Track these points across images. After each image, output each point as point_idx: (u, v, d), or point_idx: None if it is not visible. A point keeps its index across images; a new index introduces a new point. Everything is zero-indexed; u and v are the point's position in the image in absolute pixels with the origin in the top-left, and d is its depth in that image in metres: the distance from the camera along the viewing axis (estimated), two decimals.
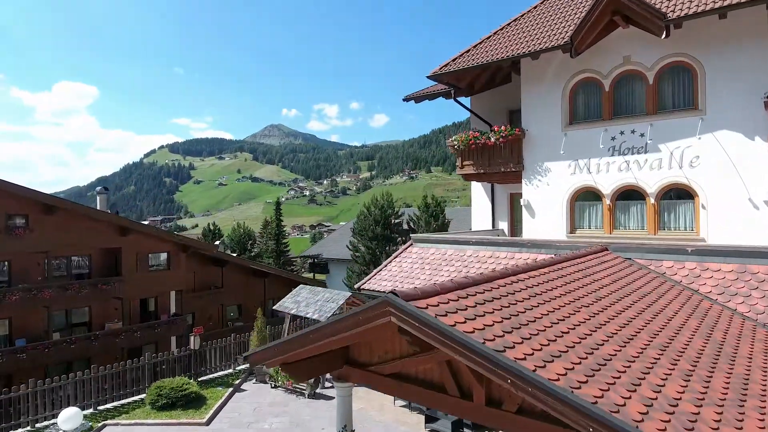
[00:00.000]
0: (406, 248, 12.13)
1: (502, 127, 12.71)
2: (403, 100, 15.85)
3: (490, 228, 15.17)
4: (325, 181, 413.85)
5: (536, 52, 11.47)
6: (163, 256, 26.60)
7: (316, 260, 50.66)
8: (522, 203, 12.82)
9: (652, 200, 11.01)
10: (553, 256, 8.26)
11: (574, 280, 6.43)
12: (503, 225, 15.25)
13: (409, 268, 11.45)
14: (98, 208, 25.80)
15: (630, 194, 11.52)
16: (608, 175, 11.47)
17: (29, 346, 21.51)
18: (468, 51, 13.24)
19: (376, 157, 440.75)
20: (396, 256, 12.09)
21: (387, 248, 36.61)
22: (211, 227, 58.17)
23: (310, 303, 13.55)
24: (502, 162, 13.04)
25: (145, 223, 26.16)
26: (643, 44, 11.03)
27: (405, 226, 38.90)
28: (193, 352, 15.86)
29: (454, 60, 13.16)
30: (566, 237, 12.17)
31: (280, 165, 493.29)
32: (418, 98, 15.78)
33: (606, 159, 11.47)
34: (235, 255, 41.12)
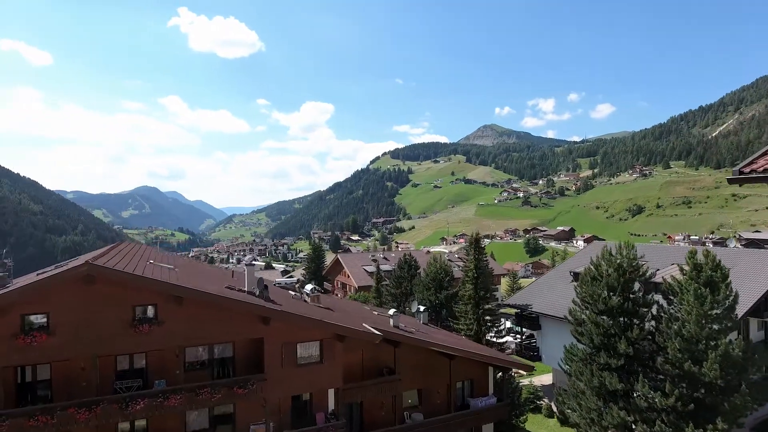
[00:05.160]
0: None
1: None
2: (731, 181, 5.76)
3: None
4: (540, 181, 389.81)
5: None
6: (315, 346, 20.80)
7: (524, 312, 40.66)
8: None
9: None
10: None
11: None
12: None
13: None
14: (246, 280, 21.41)
15: None
16: None
17: None
18: None
19: (599, 153, 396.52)
20: None
21: (628, 329, 24.65)
22: (407, 258, 52.85)
23: None
24: None
25: (299, 314, 20.61)
26: None
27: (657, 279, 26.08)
28: None
29: None
30: None
31: (492, 166, 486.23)
32: None
33: None
34: (423, 309, 34.06)
